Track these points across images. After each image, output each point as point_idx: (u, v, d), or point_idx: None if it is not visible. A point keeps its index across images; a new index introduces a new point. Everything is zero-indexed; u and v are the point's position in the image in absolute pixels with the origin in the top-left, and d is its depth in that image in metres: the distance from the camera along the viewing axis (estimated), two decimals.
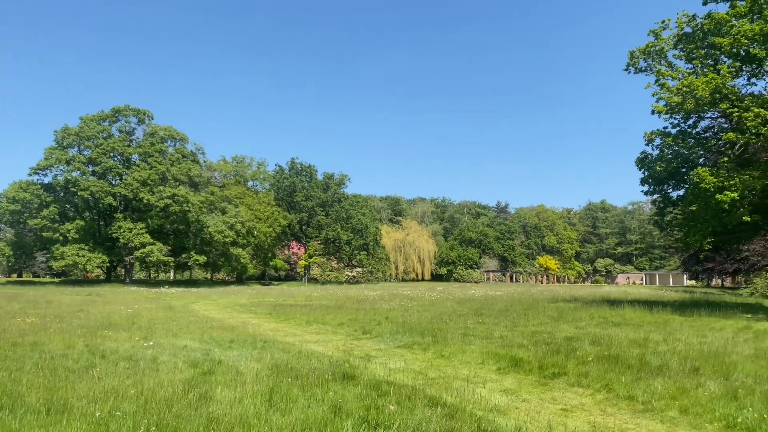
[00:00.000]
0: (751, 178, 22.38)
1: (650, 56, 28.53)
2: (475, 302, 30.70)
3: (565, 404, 7.90)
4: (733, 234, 29.44)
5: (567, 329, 16.47)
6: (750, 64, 25.35)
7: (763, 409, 6.93)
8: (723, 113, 25.22)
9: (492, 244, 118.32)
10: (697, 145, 27.84)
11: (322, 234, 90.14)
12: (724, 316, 20.88)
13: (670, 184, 29.54)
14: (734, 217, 23.69)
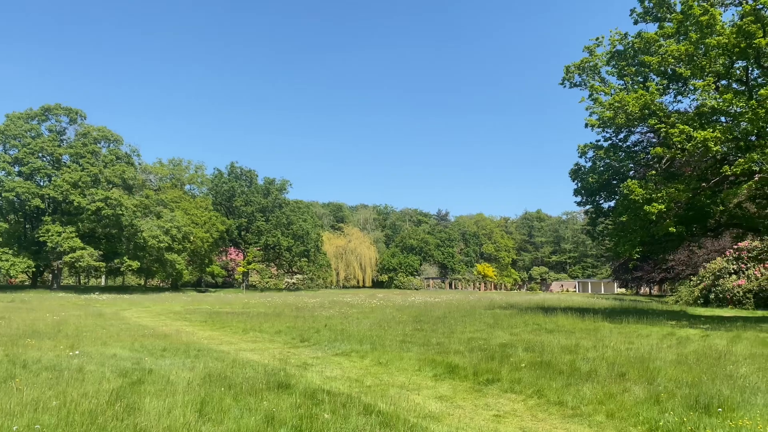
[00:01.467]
0: (677, 191, 23.48)
1: (585, 72, 29.58)
2: (414, 309, 30.90)
3: (498, 410, 8.02)
4: (660, 244, 30.82)
5: (502, 336, 16.79)
6: (676, 83, 26.68)
7: (683, 413, 7.24)
8: (651, 128, 26.37)
9: (432, 252, 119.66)
10: (627, 159, 29.03)
11: (262, 240, 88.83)
12: (651, 323, 21.76)
13: (602, 195, 30.64)
14: (661, 227, 24.78)
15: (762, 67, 23.40)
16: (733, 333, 17.63)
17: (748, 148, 22.63)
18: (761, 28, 21.40)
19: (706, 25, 22.64)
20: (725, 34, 22.21)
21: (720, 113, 23.48)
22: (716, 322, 23.60)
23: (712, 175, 24.97)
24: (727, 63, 24.25)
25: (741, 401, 7.82)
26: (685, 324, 22.00)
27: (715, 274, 45.11)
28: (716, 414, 7.19)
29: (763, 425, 6.66)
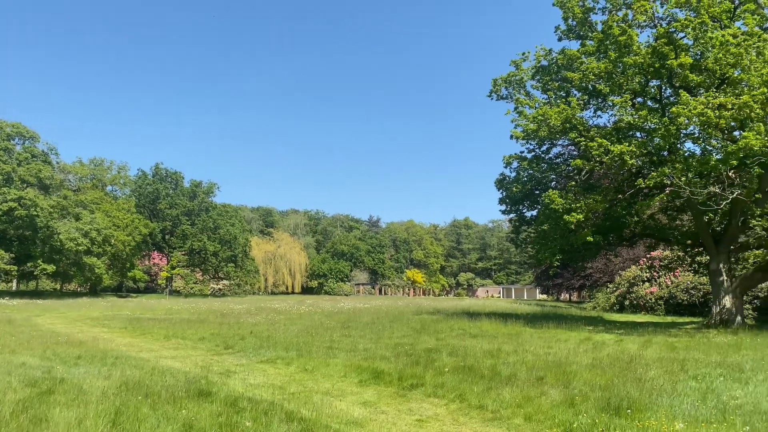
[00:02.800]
0: (594, 201, 24.59)
1: (511, 85, 30.54)
2: (343, 315, 30.86)
3: (421, 415, 8.13)
4: (579, 252, 32.11)
5: (428, 341, 17.03)
6: (596, 98, 27.97)
7: (596, 415, 7.57)
8: (572, 141, 27.51)
9: (363, 258, 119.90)
10: (550, 170, 30.15)
11: (187, 244, 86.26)
12: (570, 328, 22.63)
13: (525, 204, 31.67)
14: (579, 236, 25.86)
15: (674, 87, 24.87)
16: (645, 338, 18.60)
17: (661, 162, 23.98)
18: (673, 50, 22.75)
19: (624, 45, 23.87)
20: (641, 54, 23.48)
21: (636, 129, 24.78)
22: (630, 327, 24.82)
23: (627, 188, 26.26)
24: (642, 81, 25.63)
25: (648, 402, 8.27)
26: (602, 329, 23.01)
27: (629, 282, 47.43)
28: (626, 415, 7.56)
29: (668, 425, 7.06)
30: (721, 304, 25.09)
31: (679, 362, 12.42)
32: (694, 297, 38.74)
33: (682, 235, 30.05)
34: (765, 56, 20.58)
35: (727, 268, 25.98)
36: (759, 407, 8.18)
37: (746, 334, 19.94)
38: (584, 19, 27.57)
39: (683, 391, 9.22)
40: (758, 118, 19.85)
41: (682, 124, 21.57)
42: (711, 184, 22.56)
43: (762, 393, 9.26)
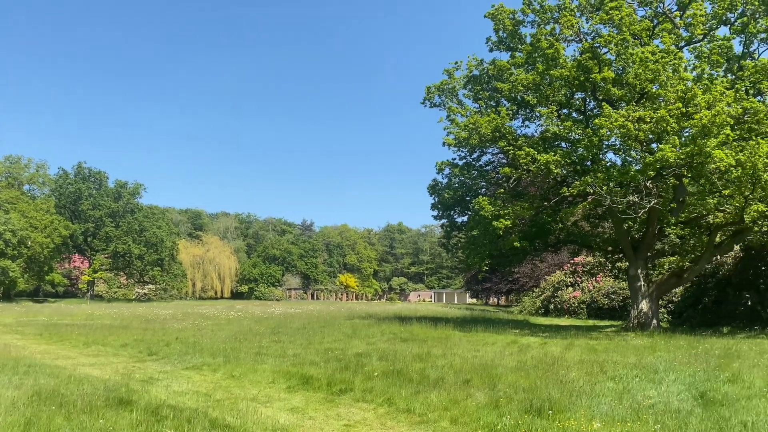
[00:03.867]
0: (522, 208, 25.33)
1: (444, 93, 31.08)
2: (273, 320, 30.46)
3: (349, 420, 8.11)
4: (507, 257, 32.97)
5: (359, 345, 17.03)
6: (525, 109, 28.85)
7: (519, 416, 7.77)
8: (502, 150, 28.25)
9: (295, 262, 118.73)
10: (480, 177, 30.84)
11: (111, 247, 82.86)
12: (497, 331, 23.19)
13: (456, 210, 32.25)
14: (507, 242, 26.56)
15: (597, 100, 25.94)
16: (568, 341, 19.27)
17: (584, 171, 24.96)
18: (597, 65, 23.77)
19: (551, 58, 24.73)
20: (567, 68, 24.40)
21: (561, 139, 25.72)
22: (554, 330, 25.69)
23: (553, 195, 27.20)
24: (568, 94, 26.64)
25: (568, 403, 8.56)
26: (527, 333, 23.69)
27: (554, 286, 49.14)
28: (547, 416, 7.80)
29: (586, 424, 7.33)
30: (638, 308, 26.33)
31: (598, 364, 12.94)
32: (614, 301, 40.52)
33: (604, 241, 31.41)
34: (680, 73, 21.82)
35: (645, 274, 27.31)
36: (670, 406, 8.62)
37: (661, 336, 21.00)
38: (514, 31, 28.38)
39: (601, 392, 9.60)
40: (674, 132, 20.99)
41: (604, 135, 22.54)
42: (630, 193, 23.66)
43: (673, 392, 9.76)
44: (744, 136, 21.61)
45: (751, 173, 19.61)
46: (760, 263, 27.03)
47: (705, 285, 30.43)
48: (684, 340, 19.17)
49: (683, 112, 20.88)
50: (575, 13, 26.18)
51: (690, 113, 20.79)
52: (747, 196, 21.37)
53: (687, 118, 20.86)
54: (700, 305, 30.08)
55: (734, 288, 27.82)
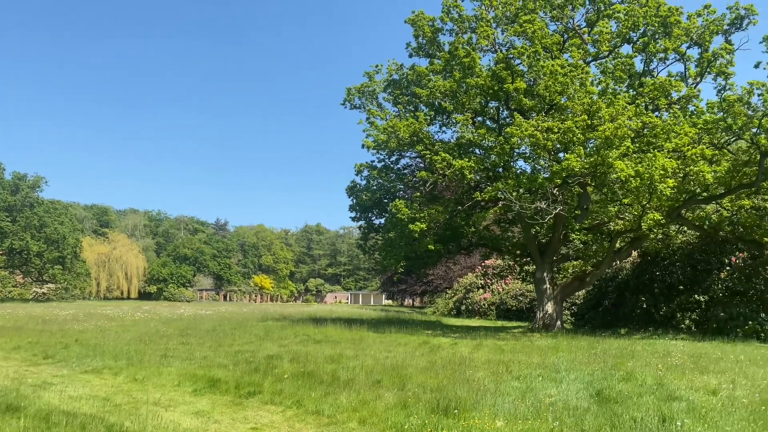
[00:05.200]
0: (437, 212, 25.86)
1: (364, 95, 31.24)
2: (182, 322, 29.45)
3: (256, 422, 7.96)
4: (422, 259, 33.50)
5: (271, 347, 16.76)
6: (442, 115, 29.44)
7: (426, 416, 7.90)
8: (419, 154, 28.73)
9: (208, 262, 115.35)
10: (398, 180, 31.21)
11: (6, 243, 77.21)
12: (410, 332, 23.48)
13: (374, 212, 32.48)
14: (422, 244, 27.01)
15: (510, 109, 26.89)
16: (477, 341, 19.80)
17: (496, 178, 25.80)
18: (511, 75, 24.63)
19: (467, 67, 25.40)
20: (483, 77, 25.14)
21: (475, 146, 26.44)
22: (464, 331, 26.34)
23: (466, 200, 27.96)
24: (483, 102, 27.45)
25: (474, 402, 8.79)
26: (439, 333, 24.14)
27: (466, 288, 50.46)
28: (453, 415, 7.97)
29: (490, 423, 7.55)
30: (544, 309, 27.48)
31: (504, 364, 13.37)
32: (521, 303, 42.08)
33: (513, 245, 32.58)
34: (587, 87, 22.98)
35: (550, 277, 28.55)
36: (569, 404, 9.03)
37: (564, 337, 22.00)
38: (433, 38, 28.94)
39: (506, 391, 9.92)
40: (579, 142, 22.07)
41: (515, 143, 23.38)
42: (538, 199, 24.64)
43: (572, 391, 10.24)
44: (643, 148, 23.04)
45: (648, 184, 20.91)
46: (655, 268, 28.88)
47: (605, 288, 32.18)
48: (585, 340, 20.15)
49: (588, 124, 21.99)
50: (491, 24, 27.03)
51: (594, 125, 21.93)
52: (644, 205, 22.80)
53: (592, 129, 21.98)
54: (600, 307, 31.76)
55: (631, 291, 29.57)
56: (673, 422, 7.62)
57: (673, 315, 26.24)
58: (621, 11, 25.83)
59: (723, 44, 25.01)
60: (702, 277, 26.63)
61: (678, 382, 11.08)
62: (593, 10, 27.06)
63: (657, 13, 25.14)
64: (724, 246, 26.47)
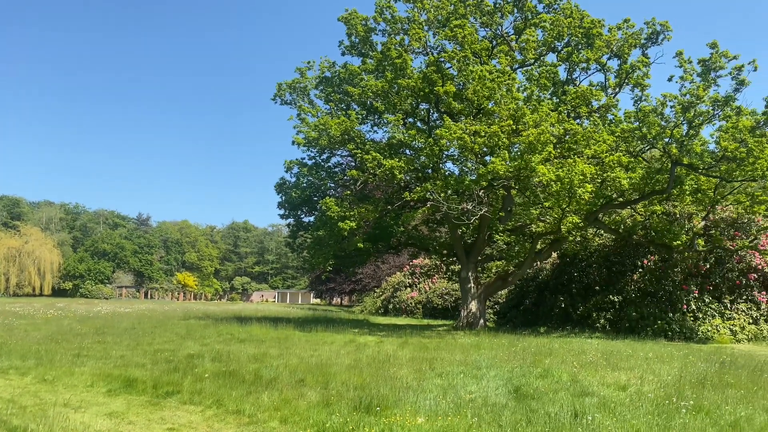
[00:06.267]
0: (367, 211, 25.94)
1: (295, 91, 30.91)
2: (99, 320, 28.25)
3: (174, 423, 7.74)
4: (351, 258, 33.58)
5: (192, 346, 16.32)
6: (374, 115, 29.58)
7: (348, 414, 7.91)
8: (350, 153, 28.70)
9: (129, 258, 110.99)
10: (328, 178, 31.09)
11: None
12: (336, 331, 23.44)
13: (304, 210, 32.22)
14: (352, 243, 27.05)
15: (440, 111, 27.35)
16: (403, 339, 20.01)
17: (425, 178, 26.18)
18: (441, 78, 25.05)
19: (399, 68, 25.63)
20: (414, 78, 25.44)
21: (406, 146, 26.73)
22: (391, 329, 26.56)
23: (396, 200, 28.21)
24: (414, 103, 27.79)
25: (396, 399, 8.88)
26: (366, 332, 24.24)
27: (394, 287, 50.92)
28: (375, 413, 8.02)
29: (411, 419, 7.65)
30: (468, 308, 28.11)
31: (428, 361, 13.59)
32: (447, 302, 42.86)
33: (440, 245, 33.16)
34: (513, 93, 23.67)
35: (475, 277, 29.25)
36: (488, 400, 9.28)
37: (486, 335, 22.58)
38: (366, 38, 29.00)
39: (428, 388, 10.08)
40: (504, 146, 22.71)
41: (444, 145, 23.81)
42: (465, 201, 25.19)
43: (492, 387, 10.53)
44: (564, 154, 23.98)
45: (568, 188, 21.79)
46: (573, 269, 30.12)
47: (527, 288, 33.28)
48: (506, 338, 20.76)
49: (513, 129, 22.66)
50: (423, 27, 27.37)
51: (519, 130, 22.62)
52: (564, 209, 23.73)
53: (516, 134, 22.66)
54: (521, 306, 32.81)
55: (551, 291, 30.72)
56: (585, 417, 7.97)
57: (590, 314, 27.43)
58: (547, 21, 26.75)
59: (640, 57, 26.34)
60: (616, 278, 28.00)
61: (591, 379, 11.60)
62: (521, 19, 27.89)
63: (581, 24, 26.20)
64: (637, 249, 27.92)
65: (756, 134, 21.73)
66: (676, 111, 22.76)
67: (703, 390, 10.50)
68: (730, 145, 21.45)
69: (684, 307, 24.86)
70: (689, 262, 25.95)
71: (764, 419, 8.38)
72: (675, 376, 12.07)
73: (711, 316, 24.49)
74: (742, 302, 24.86)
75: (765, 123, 22.38)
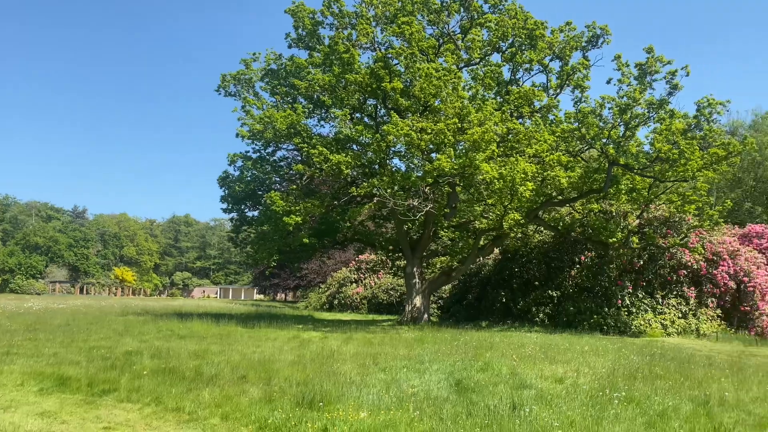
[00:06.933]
0: (313, 206, 25.78)
1: (240, 83, 30.35)
2: (30, 316, 27.09)
3: (110, 422, 7.52)
4: (296, 253, 33.36)
5: (130, 343, 15.86)
6: (321, 109, 29.40)
7: (290, 410, 7.88)
8: (296, 147, 28.44)
9: (63, 252, 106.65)
10: (273, 172, 30.74)
11: None
12: (281, 327, 23.23)
13: (247, 204, 31.74)
14: (297, 238, 26.87)
15: (387, 108, 27.42)
16: (347, 335, 20.02)
17: (372, 174, 26.24)
18: (389, 74, 25.12)
19: (347, 63, 25.55)
20: (361, 74, 25.40)
21: (353, 141, 26.71)
22: (336, 325, 26.51)
23: (343, 195, 28.16)
24: (361, 99, 27.76)
25: (339, 394, 8.90)
26: (310, 327, 24.13)
27: (339, 283, 50.85)
28: (318, 408, 8.02)
29: (354, 414, 7.68)
30: (412, 303, 28.38)
31: (372, 356, 13.66)
32: (392, 297, 43.16)
33: (386, 241, 33.33)
34: (458, 91, 23.98)
35: (420, 272, 29.54)
36: (430, 393, 9.42)
37: (430, 329, 22.86)
38: (314, 31, 28.79)
39: (371, 383, 10.14)
40: (450, 144, 23.00)
41: (391, 142, 23.91)
42: (411, 197, 25.40)
43: (434, 381, 10.69)
44: (507, 152, 24.51)
45: (510, 186, 22.29)
46: (514, 265, 30.81)
47: (470, 283, 33.87)
48: (449, 333, 21.08)
49: (459, 127, 22.98)
50: (371, 23, 27.40)
51: (464, 129, 22.95)
52: (506, 206, 24.25)
53: (462, 132, 22.99)
54: (464, 301, 33.37)
55: (493, 286, 31.36)
56: (523, 409, 8.20)
57: (529, 309, 28.15)
58: (492, 21, 27.23)
59: (581, 59, 27.17)
60: (555, 274, 28.83)
61: (529, 372, 11.93)
62: (467, 18, 28.28)
63: (525, 25, 26.79)
64: (575, 246, 28.82)
65: (687, 137, 22.80)
66: (614, 113, 23.60)
67: (635, 381, 10.97)
68: (663, 146, 22.42)
69: (619, 302, 25.84)
70: (624, 259, 26.96)
71: (690, 408, 8.83)
72: (609, 369, 12.55)
73: (644, 311, 25.55)
74: (673, 297, 26.04)
75: (696, 126, 23.53)
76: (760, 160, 49.70)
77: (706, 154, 22.93)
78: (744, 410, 8.92)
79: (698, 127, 23.50)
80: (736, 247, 26.92)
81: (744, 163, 47.94)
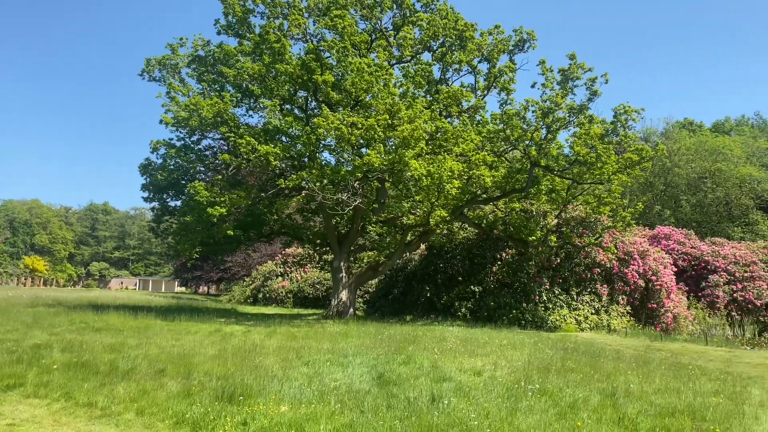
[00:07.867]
0: (239, 197, 25.27)
1: (166, 68, 29.28)
2: None
3: (14, 418, 7.17)
4: (220, 246, 32.57)
5: (39, 336, 15.08)
6: (249, 98, 28.79)
7: (210, 404, 7.76)
8: (223, 136, 27.76)
9: None
10: (198, 161, 29.87)
11: None
12: (202, 320, 22.68)
13: (170, 193, 30.69)
14: (221, 230, 26.26)
15: (318, 100, 27.21)
16: (271, 328, 19.80)
17: (301, 167, 25.98)
18: (320, 67, 24.94)
19: (278, 53, 25.15)
20: (292, 65, 25.09)
21: (282, 133, 26.34)
22: (260, 319, 26.18)
23: (270, 187, 27.71)
24: (291, 90, 27.41)
25: (261, 388, 8.83)
26: (233, 321, 23.70)
27: (265, 276, 50.20)
28: (238, 402, 7.93)
29: (275, 408, 7.66)
30: (338, 297, 28.39)
31: (295, 350, 13.60)
32: (318, 291, 43.03)
33: (314, 234, 33.16)
34: (389, 88, 24.14)
35: (347, 266, 29.58)
36: (352, 387, 9.51)
37: (355, 323, 22.97)
38: (244, 18, 28.16)
39: (294, 377, 10.12)
40: (380, 140, 23.13)
41: (322, 135, 23.76)
42: (340, 191, 25.37)
43: (357, 374, 10.78)
44: (435, 150, 24.89)
45: (438, 183, 22.68)
46: (439, 261, 31.42)
47: (396, 278, 34.25)
48: (374, 327, 21.27)
49: (389, 124, 23.14)
50: (303, 14, 27.13)
51: (394, 125, 23.14)
52: (433, 203, 24.68)
53: (392, 129, 23.17)
54: (390, 296, 33.73)
55: (418, 281, 31.86)
56: (442, 401, 8.42)
57: (452, 303, 28.81)
58: (424, 20, 27.55)
59: (508, 63, 27.95)
60: (478, 269, 29.64)
61: (450, 365, 12.24)
62: (400, 15, 28.47)
63: (455, 26, 27.26)
64: (498, 243, 29.72)
65: (604, 141, 23.97)
66: (537, 116, 24.47)
67: (549, 374, 11.47)
68: (582, 150, 23.46)
69: (536, 298, 26.87)
70: (542, 257, 28.04)
71: (598, 400, 9.33)
72: (525, 362, 13.05)
73: (560, 307, 26.68)
74: (587, 294, 27.33)
75: (613, 131, 24.75)
76: (669, 166, 52.89)
77: (621, 158, 24.21)
78: (647, 401, 9.51)
79: (615, 133, 24.74)
80: (645, 247, 28.57)
81: (655, 168, 50.97)
